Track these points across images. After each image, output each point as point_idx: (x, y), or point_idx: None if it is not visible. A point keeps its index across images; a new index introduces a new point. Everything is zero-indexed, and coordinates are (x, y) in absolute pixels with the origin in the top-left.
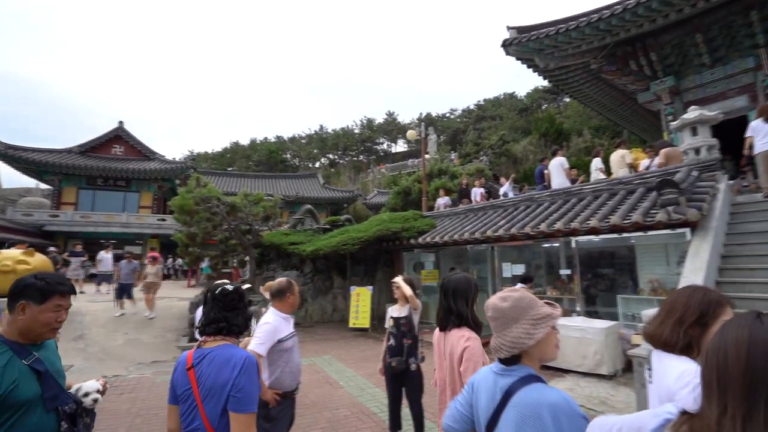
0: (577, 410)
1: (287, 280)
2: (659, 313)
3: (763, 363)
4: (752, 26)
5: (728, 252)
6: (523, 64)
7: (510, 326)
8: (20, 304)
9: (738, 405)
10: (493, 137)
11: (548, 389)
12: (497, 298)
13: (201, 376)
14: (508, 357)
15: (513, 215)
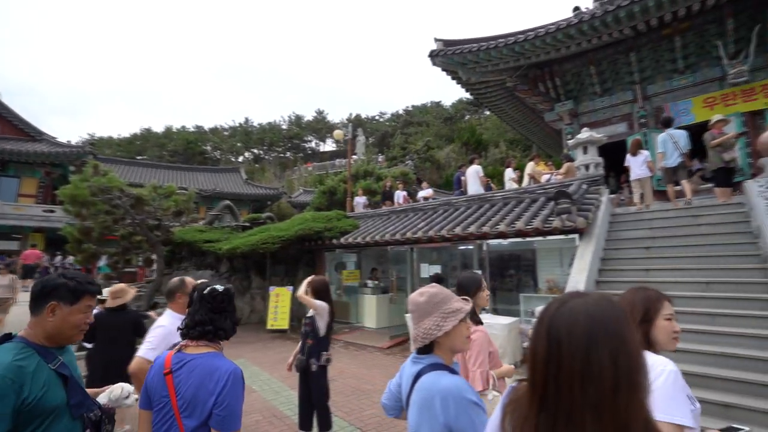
0: (466, 396)
1: (179, 279)
2: None
3: (557, 340)
4: (631, 65)
5: (606, 255)
6: (448, 75)
7: (424, 319)
8: (50, 305)
9: (538, 379)
10: (419, 142)
11: (445, 377)
12: (416, 293)
13: (180, 384)
14: (422, 347)
15: (432, 218)
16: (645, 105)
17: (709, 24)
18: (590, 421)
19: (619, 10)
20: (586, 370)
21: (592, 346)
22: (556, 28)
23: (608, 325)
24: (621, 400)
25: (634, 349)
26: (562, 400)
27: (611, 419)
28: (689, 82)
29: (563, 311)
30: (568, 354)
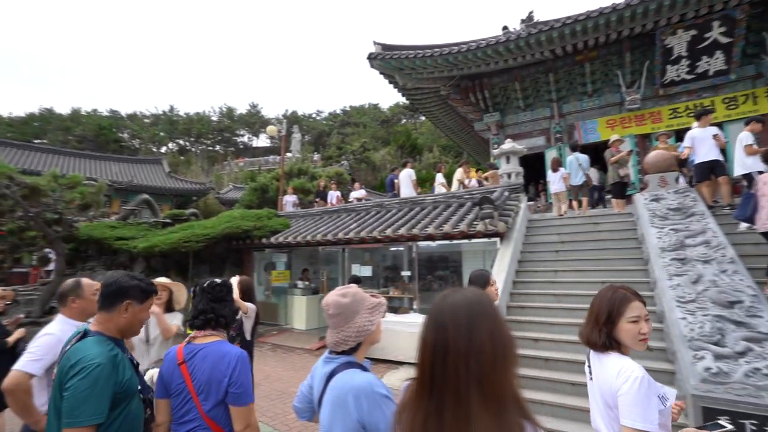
0: (379, 392)
1: (74, 281)
2: (586, 316)
3: (443, 326)
4: (550, 85)
5: (523, 258)
6: (386, 79)
7: (353, 318)
8: (125, 304)
9: (427, 366)
10: (356, 143)
11: (358, 375)
12: (337, 295)
13: (194, 371)
14: (353, 347)
15: (364, 219)
16: (561, 122)
17: (612, 55)
18: (475, 393)
19: (540, 34)
20: (470, 347)
21: (473, 328)
22: (486, 44)
23: (484, 310)
24: (498, 371)
25: (505, 328)
26: (449, 379)
27: (491, 390)
28: (595, 104)
29: (446, 303)
30: (454, 336)
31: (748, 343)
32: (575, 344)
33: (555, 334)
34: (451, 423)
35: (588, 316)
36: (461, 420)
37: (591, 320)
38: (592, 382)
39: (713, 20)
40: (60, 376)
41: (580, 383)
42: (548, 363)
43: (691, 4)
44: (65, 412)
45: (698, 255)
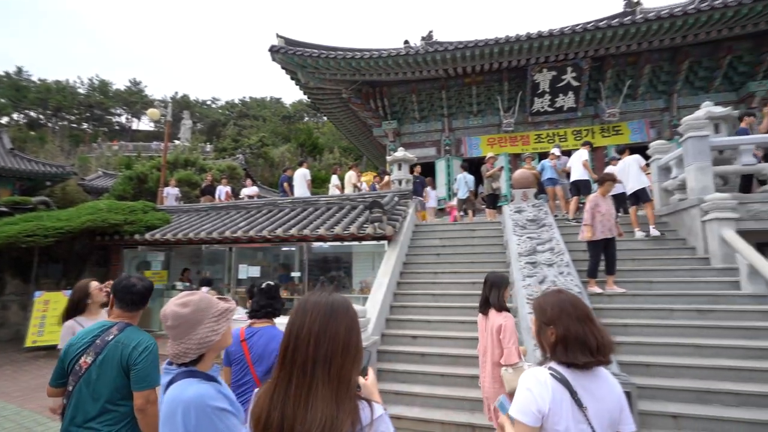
0: (212, 405)
1: None
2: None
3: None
4: (442, 101)
5: (408, 260)
6: (287, 74)
7: (195, 329)
8: (146, 306)
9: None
10: (254, 137)
11: (191, 385)
12: (175, 305)
13: (252, 346)
14: (195, 359)
15: (254, 218)
16: (450, 135)
17: (494, 82)
18: (320, 370)
19: (436, 53)
20: (324, 331)
21: (331, 316)
22: (387, 54)
23: (345, 309)
24: (346, 358)
25: (359, 332)
26: (300, 355)
27: (336, 371)
28: (479, 123)
29: (312, 297)
30: (311, 321)
31: None
32: (448, 339)
33: (431, 331)
34: (294, 393)
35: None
36: (303, 391)
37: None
38: (586, 411)
39: (567, 66)
40: (120, 358)
41: (449, 374)
42: (424, 357)
43: (552, 50)
44: (139, 379)
45: (545, 259)
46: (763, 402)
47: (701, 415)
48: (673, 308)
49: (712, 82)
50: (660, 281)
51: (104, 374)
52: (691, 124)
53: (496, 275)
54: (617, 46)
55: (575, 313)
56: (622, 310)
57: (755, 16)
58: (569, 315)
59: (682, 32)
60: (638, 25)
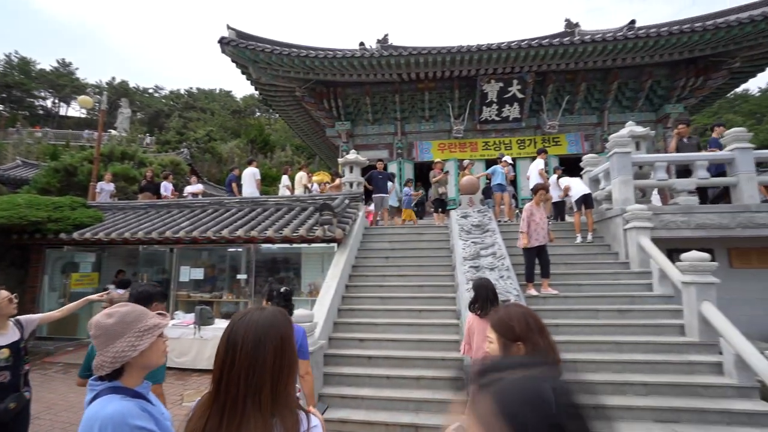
0: (130, 422)
1: None
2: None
3: (234, 342)
4: (396, 104)
5: (357, 263)
6: (238, 68)
7: (113, 342)
8: (153, 304)
9: (216, 376)
10: (201, 131)
11: (113, 402)
12: (102, 315)
13: None
14: (109, 372)
15: (199, 217)
16: (402, 139)
17: (446, 89)
18: (250, 401)
19: (390, 57)
20: (252, 365)
21: (259, 345)
22: (342, 55)
23: (275, 329)
24: (276, 383)
25: (290, 347)
26: (231, 389)
27: (267, 398)
28: (431, 128)
29: (242, 322)
30: (241, 356)
31: None
32: (395, 341)
33: (379, 334)
34: (227, 425)
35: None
36: (234, 423)
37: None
38: None
39: (513, 78)
40: None
41: (395, 376)
42: (371, 360)
43: (500, 62)
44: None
45: (487, 264)
46: (667, 391)
47: (618, 405)
48: (598, 309)
49: (636, 102)
50: (588, 284)
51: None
52: (617, 141)
53: (479, 282)
54: (557, 64)
55: (537, 327)
56: (555, 311)
57: (670, 47)
58: (533, 330)
59: (612, 56)
60: (575, 46)
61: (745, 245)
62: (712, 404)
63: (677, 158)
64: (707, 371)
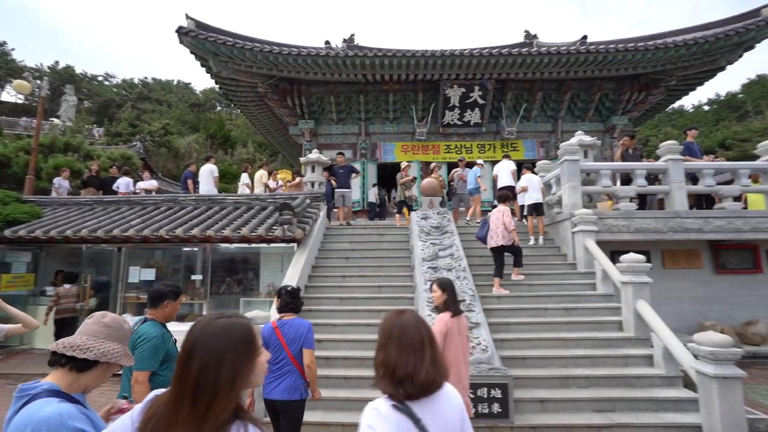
0: (69, 423)
1: None
2: (413, 352)
3: (186, 359)
4: (360, 105)
5: (317, 263)
6: (197, 60)
7: (116, 342)
8: (166, 302)
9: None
10: (156, 123)
11: (50, 404)
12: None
13: (285, 333)
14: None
15: (151, 215)
16: (366, 139)
17: (410, 92)
18: (207, 398)
19: (356, 57)
20: (216, 379)
21: (221, 359)
22: (307, 53)
23: (233, 342)
24: (230, 395)
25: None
26: (186, 396)
27: (219, 407)
28: (395, 129)
29: (204, 331)
30: (202, 365)
31: None
32: (354, 342)
33: (337, 334)
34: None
35: (423, 355)
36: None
37: (427, 354)
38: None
39: (475, 84)
40: (132, 344)
41: (352, 377)
42: (329, 361)
43: (462, 68)
44: (136, 362)
45: (445, 264)
46: (605, 383)
47: (562, 397)
48: (546, 307)
49: (587, 113)
50: (538, 284)
51: None
52: (567, 149)
53: (444, 279)
54: (516, 73)
55: (400, 340)
56: (508, 310)
57: (616, 63)
58: (394, 341)
59: (566, 68)
60: (533, 57)
61: (676, 248)
62: (643, 393)
63: (618, 167)
64: (640, 363)
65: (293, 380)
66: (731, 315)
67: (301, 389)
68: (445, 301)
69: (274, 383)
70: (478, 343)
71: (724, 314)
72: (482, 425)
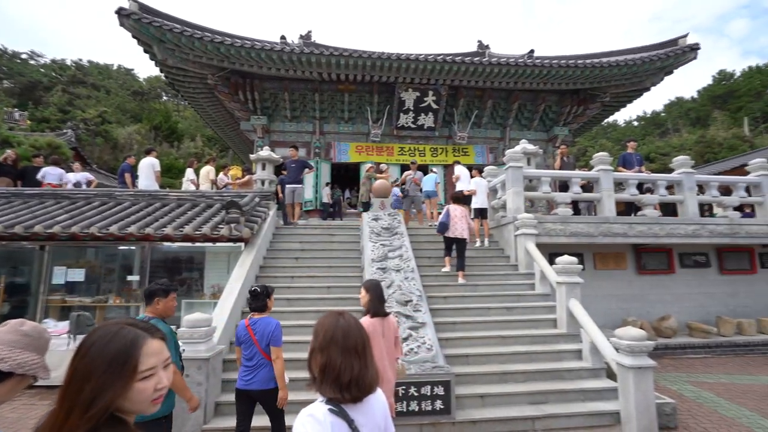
0: None
1: None
2: (364, 358)
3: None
4: (315, 103)
5: (266, 264)
6: (140, 46)
7: (33, 351)
8: (156, 299)
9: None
10: (92, 110)
11: None
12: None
13: (256, 331)
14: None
15: (81, 210)
16: (321, 138)
17: (365, 93)
18: (65, 411)
19: (311, 55)
20: (80, 375)
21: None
22: (261, 47)
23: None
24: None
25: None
26: (59, 391)
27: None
28: (350, 130)
29: (94, 333)
30: (78, 360)
31: (410, 330)
32: (300, 344)
33: (284, 336)
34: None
35: (365, 358)
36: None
37: (369, 357)
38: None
39: (429, 89)
40: None
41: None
42: None
43: (417, 73)
44: None
45: (394, 265)
46: (539, 377)
47: (501, 392)
48: (489, 307)
49: (532, 122)
50: (483, 284)
51: None
52: (512, 156)
53: (373, 282)
54: (468, 80)
55: (343, 344)
56: (454, 310)
57: (558, 77)
58: (336, 344)
59: (514, 79)
60: (484, 66)
61: (606, 250)
62: (572, 385)
63: (556, 175)
64: (571, 357)
65: (266, 372)
66: (649, 311)
67: (275, 378)
68: (369, 302)
69: (249, 376)
70: (423, 342)
71: (644, 310)
72: (425, 422)
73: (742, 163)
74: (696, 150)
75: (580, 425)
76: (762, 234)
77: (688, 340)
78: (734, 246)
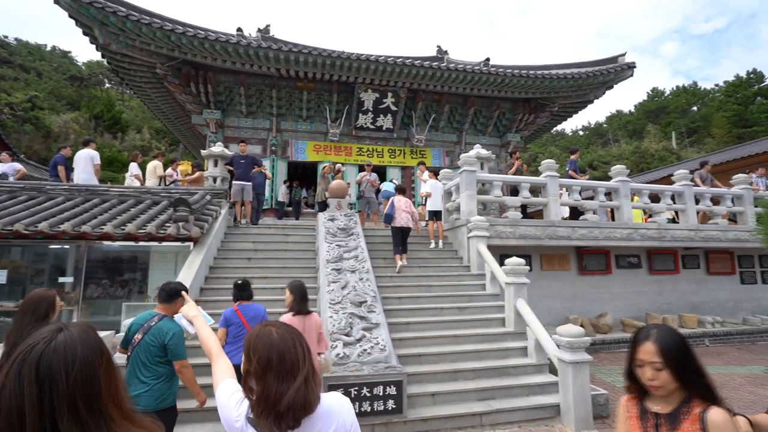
0: None
1: None
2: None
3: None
4: (272, 100)
5: (216, 264)
6: (79, 27)
7: None
8: (179, 299)
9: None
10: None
11: None
12: None
13: (245, 313)
14: None
15: (5, 205)
16: (278, 136)
17: (324, 92)
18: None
19: (269, 50)
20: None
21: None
22: (216, 38)
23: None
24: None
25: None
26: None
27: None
28: (307, 128)
29: (48, 349)
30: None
31: (364, 331)
32: None
33: None
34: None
35: (297, 375)
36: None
37: (309, 372)
38: None
39: (388, 91)
40: (157, 340)
41: None
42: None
43: (377, 74)
44: (173, 354)
45: (349, 266)
46: (488, 374)
47: (451, 390)
48: (443, 307)
49: (487, 128)
50: (437, 285)
51: (147, 347)
52: (466, 160)
53: (297, 283)
54: (426, 84)
55: (279, 368)
56: (408, 310)
57: (512, 86)
58: (272, 370)
59: (470, 85)
60: (442, 71)
61: (552, 252)
62: (518, 381)
63: (507, 179)
64: (517, 355)
65: None
66: (589, 309)
67: None
68: (292, 302)
69: (235, 351)
70: (377, 343)
71: (584, 309)
72: (377, 422)
73: (670, 173)
74: (632, 160)
75: (524, 418)
76: (684, 238)
77: (622, 335)
78: (661, 248)
